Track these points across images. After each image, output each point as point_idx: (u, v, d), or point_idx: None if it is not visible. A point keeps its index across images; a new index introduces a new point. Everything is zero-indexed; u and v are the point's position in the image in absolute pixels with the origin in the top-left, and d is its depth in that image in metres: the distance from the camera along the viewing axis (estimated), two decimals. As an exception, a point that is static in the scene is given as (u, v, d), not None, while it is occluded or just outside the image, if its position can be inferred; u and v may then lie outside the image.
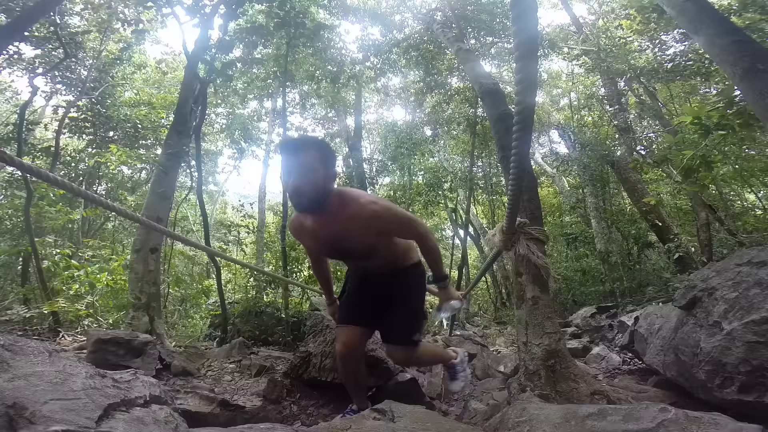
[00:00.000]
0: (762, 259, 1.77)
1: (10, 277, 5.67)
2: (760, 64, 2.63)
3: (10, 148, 5.72)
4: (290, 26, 5.62)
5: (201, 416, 2.07)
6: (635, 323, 3.32)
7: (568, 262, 8.69)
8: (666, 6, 3.82)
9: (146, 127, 8.10)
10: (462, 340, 4.51)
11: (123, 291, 4.21)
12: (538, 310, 2.34)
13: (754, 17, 4.59)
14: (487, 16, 7.87)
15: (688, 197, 6.32)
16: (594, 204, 8.56)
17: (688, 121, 3.26)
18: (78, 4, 7.00)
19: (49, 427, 0.67)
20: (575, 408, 1.23)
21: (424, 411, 1.46)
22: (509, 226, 1.92)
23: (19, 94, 10.04)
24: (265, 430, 1.23)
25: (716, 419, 1.00)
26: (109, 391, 0.90)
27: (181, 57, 9.93)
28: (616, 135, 8.18)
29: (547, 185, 12.73)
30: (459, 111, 9.82)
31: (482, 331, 7.54)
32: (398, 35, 9.31)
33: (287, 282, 4.87)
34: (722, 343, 1.71)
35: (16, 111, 6.51)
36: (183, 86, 4.81)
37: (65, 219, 5.60)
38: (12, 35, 3.97)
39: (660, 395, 2.20)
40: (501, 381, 3.25)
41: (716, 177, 4.88)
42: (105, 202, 1.65)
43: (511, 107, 1.99)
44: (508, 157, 1.55)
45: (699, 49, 5.49)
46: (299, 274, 6.30)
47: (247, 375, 2.99)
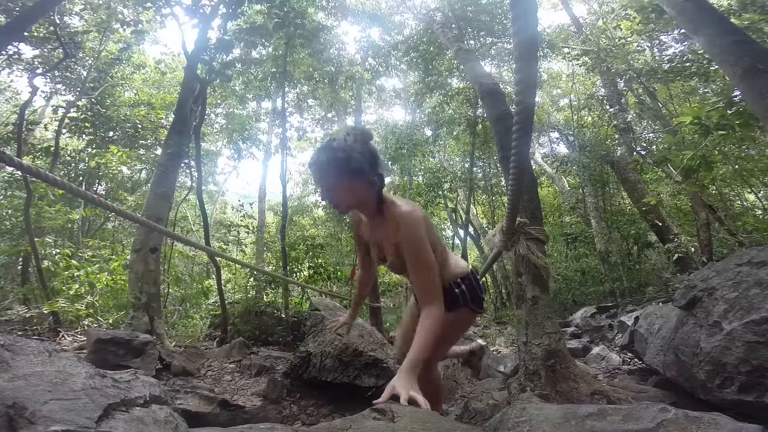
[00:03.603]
0: (762, 259, 1.78)
1: (10, 277, 5.67)
2: (760, 64, 2.63)
3: (10, 148, 5.71)
4: (289, 27, 5.62)
5: (201, 416, 2.07)
6: (635, 323, 3.32)
7: (568, 262, 8.69)
8: (666, 6, 3.82)
9: (146, 128, 8.10)
10: (462, 340, 4.51)
11: (123, 291, 4.21)
12: (538, 310, 2.34)
13: (754, 17, 4.59)
14: (487, 16, 7.88)
15: (688, 197, 6.32)
16: (594, 204, 8.57)
17: (688, 121, 3.26)
18: (78, 4, 7.00)
19: (49, 427, 0.67)
20: (575, 408, 1.23)
21: (424, 411, 1.45)
22: (509, 226, 1.92)
23: (19, 94, 10.04)
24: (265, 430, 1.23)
25: (716, 419, 1.00)
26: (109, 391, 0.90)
27: (180, 57, 9.93)
28: (616, 135, 8.18)
29: (547, 185, 12.74)
30: (459, 111, 9.82)
31: (482, 331, 7.54)
32: (398, 36, 9.32)
33: (287, 282, 4.87)
34: (722, 343, 1.71)
35: (16, 111, 6.50)
36: (183, 86, 4.81)
37: (65, 219, 5.60)
38: (12, 35, 3.97)
39: (660, 395, 2.20)
40: (501, 381, 3.26)
41: (716, 177, 4.88)
42: (105, 203, 1.65)
43: (511, 107, 1.98)
44: (508, 157, 1.54)
45: (699, 50, 5.49)
46: (299, 274, 6.30)
47: (247, 375, 2.99)
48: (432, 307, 1.24)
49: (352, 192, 1.28)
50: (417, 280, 1.31)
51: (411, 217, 1.30)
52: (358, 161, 1.24)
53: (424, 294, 1.28)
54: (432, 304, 1.25)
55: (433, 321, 1.22)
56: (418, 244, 1.29)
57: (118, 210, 1.79)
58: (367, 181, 1.28)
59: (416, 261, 1.29)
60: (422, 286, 1.29)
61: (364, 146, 1.28)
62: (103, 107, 7.75)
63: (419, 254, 1.29)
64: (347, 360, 2.74)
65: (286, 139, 7.12)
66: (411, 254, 1.29)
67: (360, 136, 1.30)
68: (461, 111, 9.71)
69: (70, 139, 8.40)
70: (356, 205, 1.35)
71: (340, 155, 1.23)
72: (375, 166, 1.30)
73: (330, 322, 2.13)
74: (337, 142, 1.29)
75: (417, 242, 1.29)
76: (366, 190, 1.30)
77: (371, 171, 1.28)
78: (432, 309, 1.24)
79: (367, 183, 1.28)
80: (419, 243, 1.29)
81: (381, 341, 3.09)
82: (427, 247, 1.30)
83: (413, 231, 1.29)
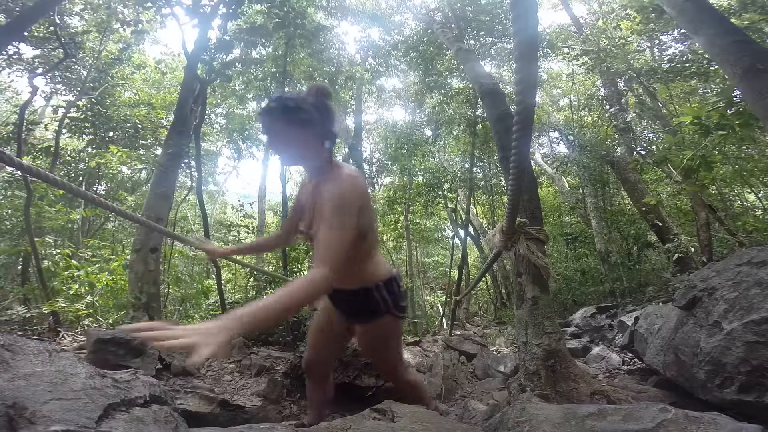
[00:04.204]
0: (762, 259, 1.78)
1: (10, 277, 5.67)
2: (760, 64, 2.63)
3: (10, 148, 5.71)
4: (289, 27, 5.63)
5: (201, 416, 2.07)
6: (635, 323, 3.32)
7: (568, 262, 8.69)
8: (666, 6, 3.82)
9: (146, 128, 8.11)
10: (462, 340, 4.51)
11: (123, 291, 4.20)
12: (538, 310, 2.34)
13: (754, 17, 4.60)
14: (487, 16, 7.88)
15: (688, 197, 6.33)
16: (594, 204, 8.57)
17: (688, 121, 3.26)
18: (78, 4, 7.01)
19: (49, 427, 0.67)
20: (575, 408, 1.23)
21: (424, 411, 1.46)
22: (509, 226, 1.92)
23: (19, 94, 10.04)
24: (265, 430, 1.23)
25: (716, 419, 1.00)
26: (109, 391, 0.90)
27: (180, 57, 9.94)
28: (616, 135, 8.19)
29: (547, 185, 12.74)
30: (459, 111, 9.82)
31: (482, 331, 7.54)
32: (398, 36, 9.32)
33: (287, 282, 4.87)
34: (722, 343, 1.71)
35: (16, 111, 6.51)
36: (183, 86, 4.81)
37: (65, 219, 5.60)
38: (12, 35, 3.97)
39: (660, 395, 2.20)
40: (501, 381, 3.26)
41: (716, 177, 4.88)
42: (105, 203, 1.65)
43: (511, 107, 1.98)
44: (508, 157, 1.54)
45: (699, 50, 5.49)
46: (299, 274, 6.30)
47: (247, 375, 2.99)
48: (323, 269, 1.03)
49: (298, 142, 1.23)
50: (324, 237, 1.10)
51: (349, 178, 1.23)
52: (308, 113, 1.21)
53: (324, 252, 1.07)
54: (325, 266, 1.04)
55: (310, 283, 1.00)
56: (343, 202, 1.16)
57: (118, 210, 1.79)
58: (315, 134, 1.24)
59: (332, 218, 1.13)
60: (326, 245, 1.08)
61: (318, 100, 1.26)
62: (103, 107, 7.76)
63: (340, 213, 1.14)
64: (347, 360, 2.74)
65: (286, 139, 7.11)
66: (330, 210, 1.14)
67: (316, 90, 1.28)
68: (461, 111, 9.71)
69: (70, 139, 8.41)
70: (301, 158, 1.30)
71: (290, 104, 1.20)
72: (326, 121, 1.26)
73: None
74: (292, 93, 1.28)
75: (343, 200, 1.16)
76: (313, 144, 1.25)
77: (321, 125, 1.24)
78: (320, 271, 1.02)
79: (314, 136, 1.24)
80: (345, 202, 1.16)
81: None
82: (353, 214, 1.17)
83: (344, 190, 1.19)
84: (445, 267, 15.04)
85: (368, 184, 10.38)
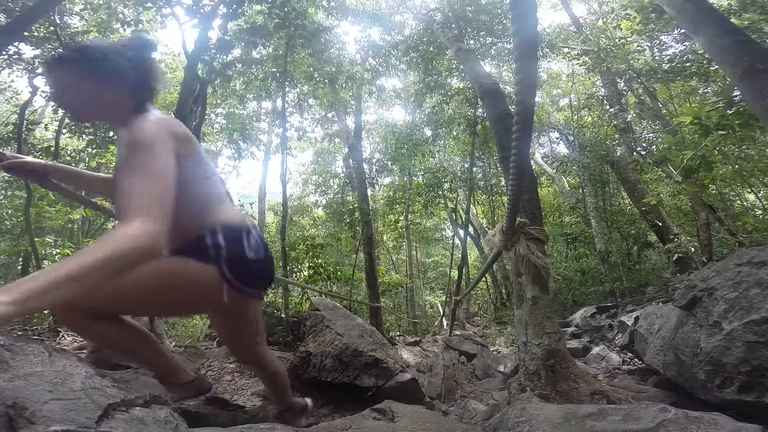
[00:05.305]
0: (762, 259, 1.78)
1: (10, 277, 5.68)
2: (760, 64, 2.63)
3: (10, 148, 5.71)
4: (289, 27, 5.63)
5: (201, 416, 2.07)
6: (635, 323, 3.32)
7: (568, 262, 8.69)
8: (666, 6, 3.82)
9: (146, 127, 8.10)
10: (462, 340, 4.51)
11: (123, 291, 4.19)
12: (538, 310, 2.34)
13: (754, 17, 4.59)
14: (487, 16, 7.88)
15: (688, 197, 6.33)
16: (594, 204, 8.57)
17: (688, 121, 3.26)
18: (78, 4, 7.01)
19: (49, 427, 0.67)
20: (575, 408, 1.23)
21: (424, 411, 1.46)
22: (509, 226, 1.92)
23: (19, 94, 10.04)
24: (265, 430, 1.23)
25: (716, 419, 1.00)
26: (109, 391, 0.90)
27: (180, 57, 9.93)
28: (616, 135, 8.19)
29: (547, 185, 12.74)
30: (459, 111, 9.82)
31: (482, 331, 7.54)
32: (398, 36, 9.32)
33: (287, 282, 4.87)
34: (722, 343, 1.71)
35: (16, 111, 6.51)
36: (183, 86, 4.80)
37: (65, 219, 5.60)
38: (12, 35, 3.96)
39: (660, 395, 2.20)
40: (501, 381, 3.26)
41: (716, 177, 4.89)
42: (102, 207, 1.65)
43: (511, 107, 1.98)
44: (508, 157, 1.55)
45: (699, 50, 5.49)
46: (299, 274, 6.31)
47: (247, 375, 2.99)
48: (135, 222, 0.77)
49: (93, 94, 1.05)
50: (127, 186, 0.85)
51: (152, 118, 1.03)
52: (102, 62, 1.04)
53: (130, 202, 0.81)
54: (136, 218, 0.78)
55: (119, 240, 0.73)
56: (147, 143, 0.93)
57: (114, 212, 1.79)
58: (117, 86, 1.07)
59: (135, 163, 0.89)
60: (133, 194, 0.83)
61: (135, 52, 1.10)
62: (104, 107, 7.75)
63: (144, 157, 0.90)
64: (347, 360, 2.74)
65: (286, 139, 7.12)
66: (132, 157, 0.91)
67: (133, 41, 1.13)
68: (461, 111, 9.72)
69: (70, 139, 8.40)
70: (97, 113, 1.13)
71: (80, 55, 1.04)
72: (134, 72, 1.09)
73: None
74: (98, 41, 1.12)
75: (147, 141, 0.93)
76: (114, 96, 1.08)
77: (126, 75, 1.08)
78: (133, 225, 0.76)
79: (116, 89, 1.07)
80: (149, 143, 0.93)
81: (381, 341, 3.09)
82: (163, 155, 0.93)
83: (145, 132, 0.96)
84: (445, 267, 15.05)
85: (368, 184, 10.35)
